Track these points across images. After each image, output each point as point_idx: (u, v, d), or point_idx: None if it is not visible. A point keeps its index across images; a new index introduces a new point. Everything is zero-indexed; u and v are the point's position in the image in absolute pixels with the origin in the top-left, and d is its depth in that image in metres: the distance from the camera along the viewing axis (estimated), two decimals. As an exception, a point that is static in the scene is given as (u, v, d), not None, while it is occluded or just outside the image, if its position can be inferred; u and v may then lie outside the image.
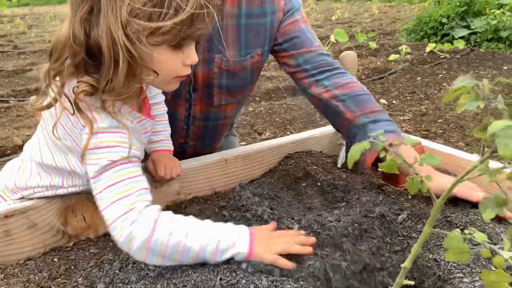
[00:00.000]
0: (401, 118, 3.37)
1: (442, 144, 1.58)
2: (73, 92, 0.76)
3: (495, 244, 0.86)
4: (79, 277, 0.84)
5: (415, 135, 2.15)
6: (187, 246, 0.77)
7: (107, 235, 1.02)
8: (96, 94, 0.76)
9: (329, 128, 1.47)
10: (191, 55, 0.81)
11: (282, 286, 0.71)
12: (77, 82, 0.76)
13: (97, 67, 0.75)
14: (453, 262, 0.81)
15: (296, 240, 0.83)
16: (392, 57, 5.12)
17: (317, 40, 1.27)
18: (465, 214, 0.97)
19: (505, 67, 4.71)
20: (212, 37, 1.16)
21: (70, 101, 0.77)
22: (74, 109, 0.77)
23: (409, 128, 3.13)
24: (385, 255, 0.84)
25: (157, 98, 1.13)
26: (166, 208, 1.12)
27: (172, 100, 1.21)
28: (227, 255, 0.79)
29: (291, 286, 0.71)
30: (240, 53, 1.21)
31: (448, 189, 0.64)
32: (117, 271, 0.84)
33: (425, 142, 1.32)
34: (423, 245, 0.78)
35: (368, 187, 1.13)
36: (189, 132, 1.34)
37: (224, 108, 1.33)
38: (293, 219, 0.96)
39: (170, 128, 1.16)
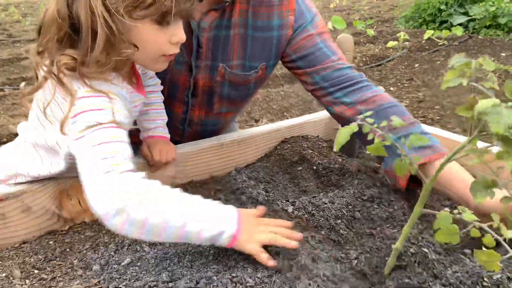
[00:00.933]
0: (398, 105, 3.36)
1: (438, 128, 1.58)
2: (56, 65, 0.75)
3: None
4: (75, 259, 0.84)
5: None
6: (174, 215, 0.71)
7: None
8: (76, 67, 0.75)
9: (325, 113, 1.46)
10: (177, 33, 0.80)
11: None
12: (60, 56, 0.75)
13: (80, 41, 0.75)
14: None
15: (284, 233, 0.76)
16: (390, 44, 5.09)
17: (335, 53, 1.16)
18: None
19: (503, 54, 4.69)
20: (218, 45, 1.13)
21: (54, 74, 0.75)
22: (56, 81, 0.75)
23: (406, 114, 3.13)
24: (377, 236, 0.84)
25: (153, 87, 1.12)
26: (162, 192, 1.12)
27: (168, 99, 1.18)
28: (213, 232, 0.72)
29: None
30: (244, 64, 1.17)
31: (438, 170, 0.64)
32: (112, 253, 0.85)
33: (421, 126, 1.32)
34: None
35: (363, 170, 1.14)
36: (184, 133, 1.32)
37: (224, 115, 1.31)
38: (287, 201, 0.96)
39: (166, 117, 1.15)
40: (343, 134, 0.71)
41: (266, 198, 0.98)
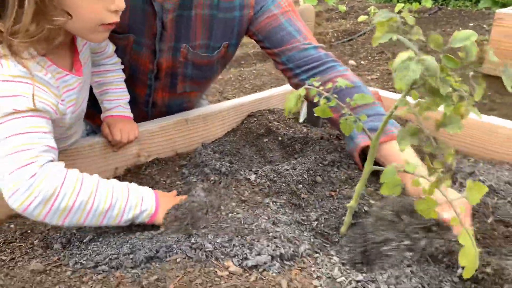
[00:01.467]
0: (369, 77, 3.40)
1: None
2: None
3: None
4: (36, 240, 0.83)
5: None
6: (95, 202, 0.75)
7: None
8: (3, 40, 0.71)
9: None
10: (115, 0, 0.77)
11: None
12: None
13: (6, 10, 0.70)
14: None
15: None
16: (361, 18, 5.11)
17: (301, 32, 1.13)
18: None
19: (471, 24, 4.78)
20: (180, 26, 1.10)
21: None
22: None
23: (377, 86, 3.17)
24: (336, 197, 0.86)
25: (111, 65, 1.09)
26: (126, 171, 1.11)
27: (130, 81, 1.15)
28: (135, 212, 0.79)
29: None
30: (208, 44, 1.15)
31: (381, 127, 0.65)
32: (74, 231, 0.84)
33: (382, 93, 1.34)
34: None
35: (325, 138, 1.15)
36: (148, 115, 1.29)
37: (187, 94, 1.28)
38: (250, 170, 0.97)
39: (128, 96, 1.13)
40: (290, 100, 0.72)
41: (229, 169, 0.99)
